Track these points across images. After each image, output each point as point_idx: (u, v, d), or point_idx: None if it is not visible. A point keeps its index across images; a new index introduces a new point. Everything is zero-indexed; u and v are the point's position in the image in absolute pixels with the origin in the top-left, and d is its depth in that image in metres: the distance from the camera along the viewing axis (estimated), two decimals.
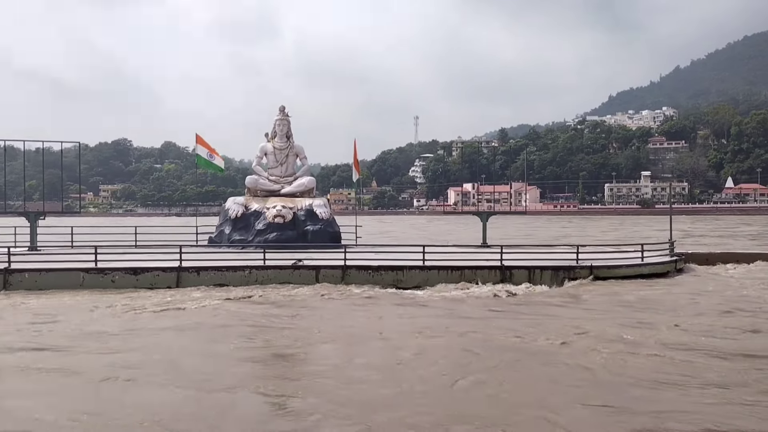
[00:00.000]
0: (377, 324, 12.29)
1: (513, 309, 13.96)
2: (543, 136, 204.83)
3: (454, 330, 11.60)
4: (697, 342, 10.55)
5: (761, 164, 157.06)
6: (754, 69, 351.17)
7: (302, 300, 15.06)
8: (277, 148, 25.87)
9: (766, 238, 44.43)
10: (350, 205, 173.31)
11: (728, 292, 16.29)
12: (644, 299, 15.07)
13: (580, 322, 12.23)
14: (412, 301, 14.95)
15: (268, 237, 22.35)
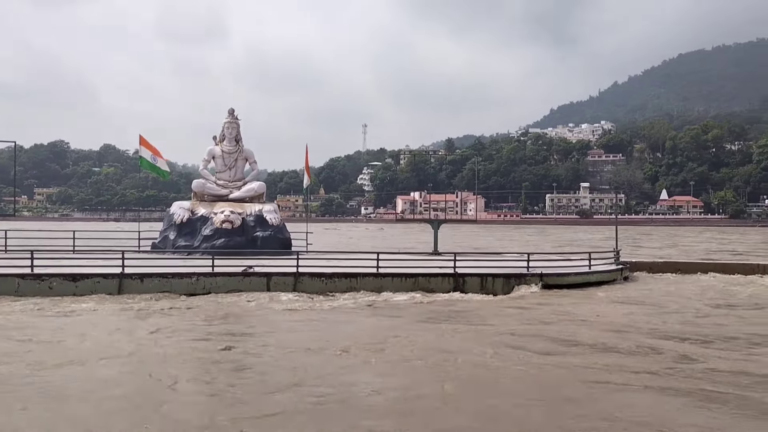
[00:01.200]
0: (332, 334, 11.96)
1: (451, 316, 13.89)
2: (488, 146, 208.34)
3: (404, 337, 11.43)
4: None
5: (694, 177, 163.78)
6: (688, 86, 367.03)
7: (254, 310, 14.62)
8: (226, 151, 25.26)
9: (705, 248, 46.12)
10: (297, 211, 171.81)
11: (666, 301, 16.70)
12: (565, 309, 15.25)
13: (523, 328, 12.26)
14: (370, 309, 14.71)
15: (215, 243, 21.73)
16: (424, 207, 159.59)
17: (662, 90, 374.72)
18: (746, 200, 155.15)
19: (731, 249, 45.85)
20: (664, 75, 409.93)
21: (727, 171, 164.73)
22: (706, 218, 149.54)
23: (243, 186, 24.96)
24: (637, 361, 9.75)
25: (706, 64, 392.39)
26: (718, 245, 51.58)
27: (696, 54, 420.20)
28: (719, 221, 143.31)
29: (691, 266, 23.50)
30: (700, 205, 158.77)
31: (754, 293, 18.09)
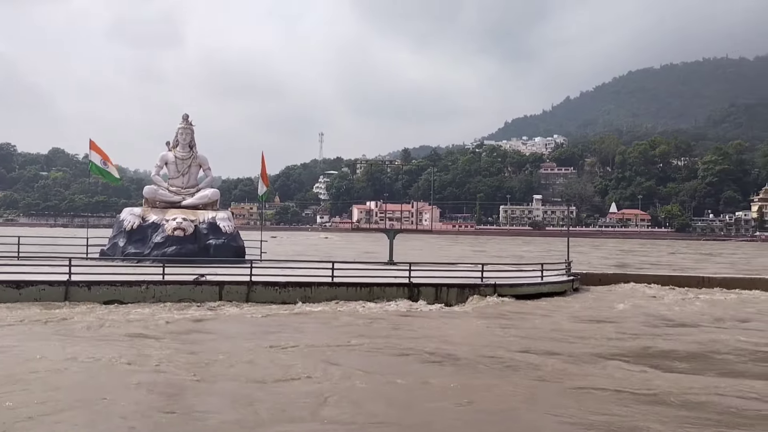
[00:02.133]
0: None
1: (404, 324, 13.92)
2: (444, 157, 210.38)
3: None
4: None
5: (642, 191, 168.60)
6: (637, 102, 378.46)
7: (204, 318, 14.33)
8: (179, 157, 24.79)
9: (652, 261, 47.41)
10: (252, 219, 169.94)
11: (615, 309, 17.09)
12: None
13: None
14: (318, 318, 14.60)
15: (166, 251, 21.24)
16: (379, 216, 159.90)
17: (612, 106, 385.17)
18: (692, 214, 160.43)
19: (677, 261, 47.28)
20: (614, 91, 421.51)
21: (674, 186, 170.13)
22: (653, 231, 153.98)
23: (196, 193, 24.51)
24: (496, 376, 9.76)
25: (654, 82, 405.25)
26: (662, 257, 53.13)
27: (645, 72, 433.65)
28: (666, 234, 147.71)
29: (640, 278, 24.11)
30: (647, 219, 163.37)
31: (695, 308, 18.64)
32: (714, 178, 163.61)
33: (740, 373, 9.93)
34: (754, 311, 17.54)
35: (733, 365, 10.60)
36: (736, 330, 14.29)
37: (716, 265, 43.46)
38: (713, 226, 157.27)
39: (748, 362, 10.85)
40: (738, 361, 10.91)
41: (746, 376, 9.66)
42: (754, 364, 10.73)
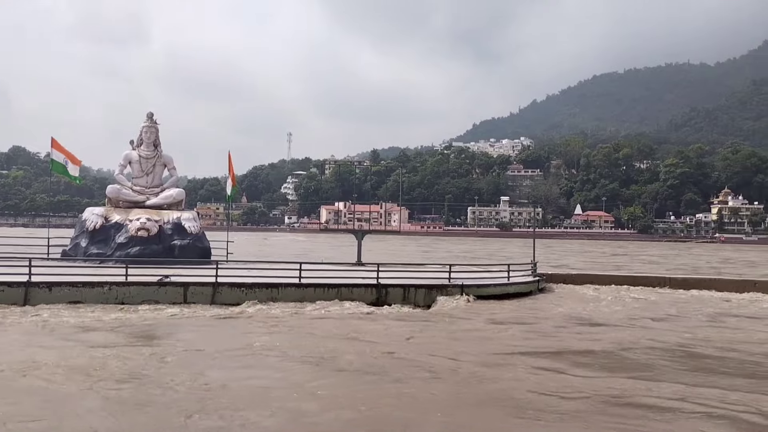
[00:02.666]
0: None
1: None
2: (413, 159, 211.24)
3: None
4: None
5: (606, 193, 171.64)
6: (602, 106, 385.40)
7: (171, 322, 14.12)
8: (144, 156, 24.36)
9: (616, 261, 48.25)
10: (218, 220, 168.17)
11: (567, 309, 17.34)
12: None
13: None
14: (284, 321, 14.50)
15: (130, 251, 20.86)
16: (348, 217, 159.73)
17: (577, 109, 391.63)
18: (653, 216, 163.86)
19: (640, 262, 48.23)
20: (579, 95, 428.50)
21: (637, 188, 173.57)
22: (616, 233, 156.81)
23: (161, 192, 24.10)
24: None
25: (618, 87, 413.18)
26: (627, 258, 54.15)
27: (609, 76, 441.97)
28: (629, 236, 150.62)
29: (604, 278, 24.50)
30: (611, 220, 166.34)
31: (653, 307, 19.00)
32: (675, 180, 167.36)
33: (652, 373, 9.96)
34: (696, 308, 17.95)
35: (647, 365, 10.62)
36: (662, 328, 14.56)
37: (678, 265, 44.44)
38: (674, 228, 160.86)
39: (668, 362, 10.88)
40: (657, 361, 10.90)
41: (659, 377, 9.65)
42: (673, 363, 10.83)
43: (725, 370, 10.23)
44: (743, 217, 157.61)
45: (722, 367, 10.45)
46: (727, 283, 23.34)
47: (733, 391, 8.79)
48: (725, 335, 13.73)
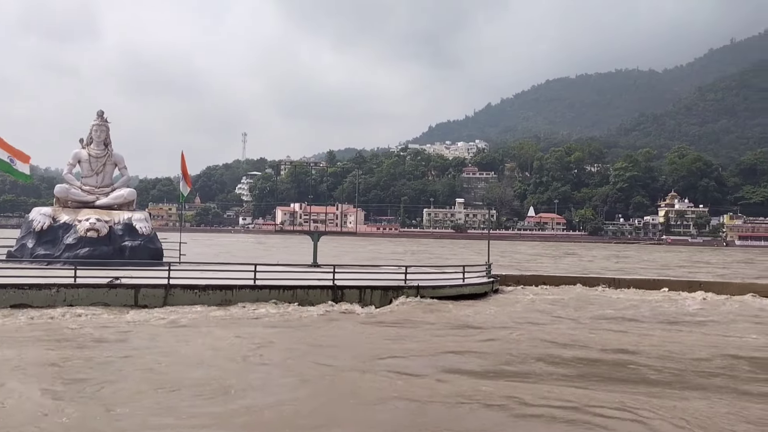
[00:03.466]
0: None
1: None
2: (369, 160, 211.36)
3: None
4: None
5: (558, 196, 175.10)
6: (554, 110, 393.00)
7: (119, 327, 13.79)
8: (93, 155, 23.74)
9: (568, 262, 49.23)
10: (171, 220, 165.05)
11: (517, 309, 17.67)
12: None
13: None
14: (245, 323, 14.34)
15: (78, 252, 20.32)
16: (304, 218, 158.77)
17: (531, 113, 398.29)
18: (604, 218, 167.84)
19: (591, 262, 49.35)
20: (533, 99, 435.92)
21: (587, 191, 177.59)
22: (568, 234, 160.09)
23: (111, 192, 23.54)
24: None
25: (570, 91, 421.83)
26: (578, 259, 55.35)
27: (561, 81, 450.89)
28: (580, 237, 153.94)
29: (556, 279, 25.00)
30: (563, 222, 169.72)
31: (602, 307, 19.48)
32: (624, 184, 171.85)
33: (538, 374, 10.10)
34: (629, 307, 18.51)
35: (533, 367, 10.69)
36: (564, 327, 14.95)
37: (629, 265, 45.64)
38: (623, 230, 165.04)
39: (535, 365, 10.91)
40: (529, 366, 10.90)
41: (546, 379, 9.76)
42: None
43: (608, 374, 10.33)
44: (689, 220, 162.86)
45: (610, 371, 10.52)
46: (674, 283, 24.10)
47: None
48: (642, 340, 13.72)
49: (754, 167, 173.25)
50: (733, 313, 18.18)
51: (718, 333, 14.66)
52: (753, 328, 15.42)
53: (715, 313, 18.29)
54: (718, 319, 16.96)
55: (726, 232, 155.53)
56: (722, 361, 11.29)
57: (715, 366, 10.93)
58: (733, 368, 10.82)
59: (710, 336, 14.20)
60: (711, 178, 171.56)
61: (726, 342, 13.46)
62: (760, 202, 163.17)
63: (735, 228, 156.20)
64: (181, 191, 26.70)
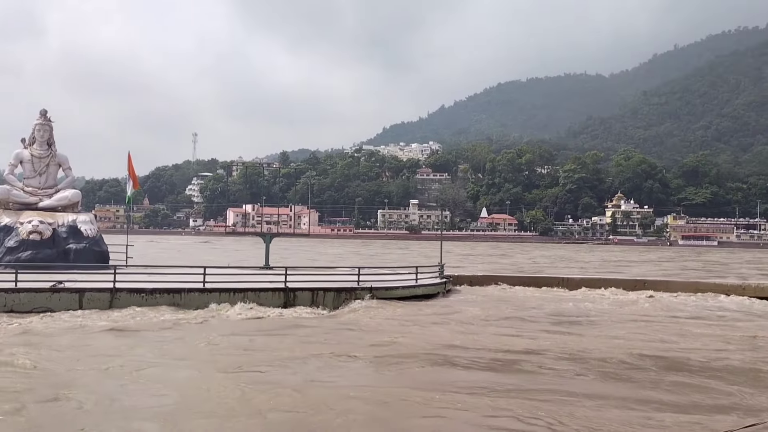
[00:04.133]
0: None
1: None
2: (323, 161, 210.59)
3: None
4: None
5: (510, 197, 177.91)
6: (506, 113, 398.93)
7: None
8: (36, 156, 22.98)
9: (516, 262, 50.04)
10: (118, 222, 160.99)
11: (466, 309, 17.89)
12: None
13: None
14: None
15: (20, 256, 19.67)
16: (256, 220, 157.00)
17: (483, 115, 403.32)
18: (553, 219, 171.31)
19: (541, 262, 50.28)
20: (485, 102, 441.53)
21: (538, 192, 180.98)
22: (519, 235, 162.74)
23: (55, 194, 22.83)
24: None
25: (521, 94, 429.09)
26: (529, 259, 56.33)
27: (513, 84, 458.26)
28: (531, 238, 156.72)
29: (508, 279, 25.37)
30: (514, 223, 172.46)
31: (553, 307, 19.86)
32: (573, 185, 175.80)
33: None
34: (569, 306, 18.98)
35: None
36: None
37: (573, 265, 46.69)
38: (572, 231, 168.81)
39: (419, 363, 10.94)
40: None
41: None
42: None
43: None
44: (634, 220, 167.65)
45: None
46: (619, 281, 24.75)
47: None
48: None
49: (696, 169, 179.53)
50: (680, 311, 18.79)
51: (657, 331, 15.08)
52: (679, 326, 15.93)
53: (663, 310, 18.85)
54: (662, 318, 17.46)
55: (670, 232, 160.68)
56: (629, 361, 11.21)
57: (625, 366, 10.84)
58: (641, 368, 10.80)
59: (641, 335, 14.51)
60: (655, 180, 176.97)
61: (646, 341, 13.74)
62: (701, 203, 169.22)
63: (678, 228, 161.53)
64: (127, 192, 26.08)
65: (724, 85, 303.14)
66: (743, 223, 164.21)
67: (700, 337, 14.16)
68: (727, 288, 23.29)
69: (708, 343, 13.47)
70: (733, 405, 8.53)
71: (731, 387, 9.46)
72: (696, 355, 11.86)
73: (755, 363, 11.33)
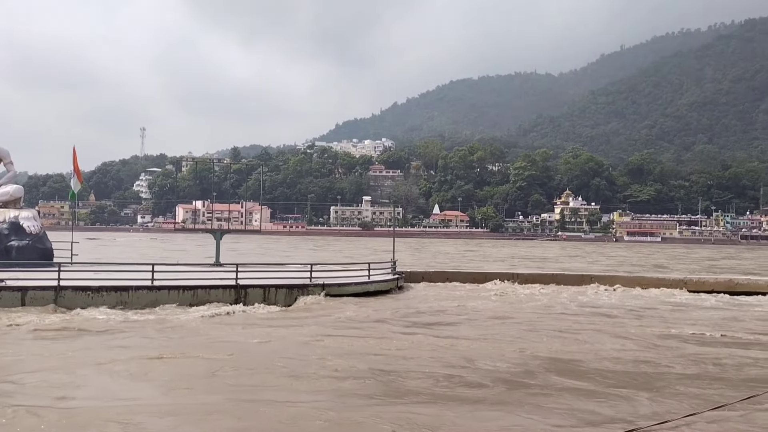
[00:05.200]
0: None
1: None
2: (275, 157, 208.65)
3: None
4: None
5: (462, 194, 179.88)
6: (458, 110, 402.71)
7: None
8: None
9: (470, 257, 50.66)
10: (63, 219, 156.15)
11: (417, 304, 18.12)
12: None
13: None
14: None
15: None
16: (207, 217, 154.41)
17: (436, 113, 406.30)
18: (504, 216, 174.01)
19: (496, 258, 51.06)
20: (437, 99, 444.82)
21: (489, 189, 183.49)
22: (471, 231, 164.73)
23: None
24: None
25: (472, 92, 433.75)
26: (482, 255, 57.15)
27: (464, 82, 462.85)
28: (482, 234, 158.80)
29: (460, 275, 25.68)
30: (466, 220, 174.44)
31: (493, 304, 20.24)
32: (523, 182, 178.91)
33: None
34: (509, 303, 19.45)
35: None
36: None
37: (528, 260, 47.59)
38: (522, 227, 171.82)
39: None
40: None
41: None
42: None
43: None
44: (582, 217, 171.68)
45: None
46: (568, 277, 25.36)
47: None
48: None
49: (641, 167, 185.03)
50: (631, 306, 19.39)
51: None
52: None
53: (605, 305, 19.43)
54: (608, 311, 18.00)
55: (616, 229, 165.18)
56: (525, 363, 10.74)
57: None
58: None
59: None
60: (602, 178, 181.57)
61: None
62: (646, 200, 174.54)
63: (624, 224, 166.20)
64: (72, 188, 25.36)
65: (668, 86, 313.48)
66: (685, 219, 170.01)
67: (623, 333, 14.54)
68: (668, 282, 24.16)
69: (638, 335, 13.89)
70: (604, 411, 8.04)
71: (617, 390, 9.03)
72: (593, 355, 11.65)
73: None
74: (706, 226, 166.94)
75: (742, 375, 10.17)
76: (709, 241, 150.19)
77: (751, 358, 11.42)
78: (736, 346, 12.63)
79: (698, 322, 16.06)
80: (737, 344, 12.93)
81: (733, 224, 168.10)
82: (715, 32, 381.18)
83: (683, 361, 11.01)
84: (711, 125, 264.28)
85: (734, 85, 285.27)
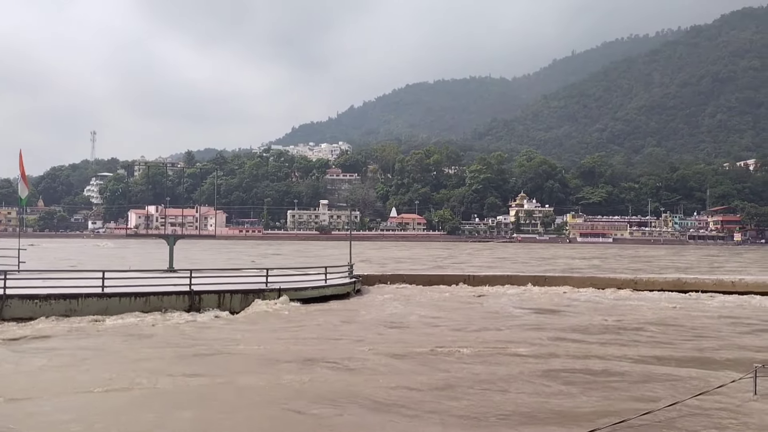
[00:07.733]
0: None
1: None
2: (230, 161, 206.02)
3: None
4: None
5: (418, 197, 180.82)
6: (414, 114, 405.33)
7: None
8: None
9: (430, 261, 50.96)
10: (10, 225, 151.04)
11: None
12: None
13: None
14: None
15: None
16: (160, 222, 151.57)
17: (392, 116, 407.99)
18: (461, 218, 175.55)
19: (453, 261, 51.48)
20: (394, 102, 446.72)
21: (446, 192, 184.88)
22: (428, 234, 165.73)
23: None
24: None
25: (428, 96, 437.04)
26: (439, 258, 57.56)
27: (420, 86, 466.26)
28: (439, 237, 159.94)
29: (417, 278, 25.84)
30: (423, 222, 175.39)
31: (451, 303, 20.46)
32: (479, 185, 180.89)
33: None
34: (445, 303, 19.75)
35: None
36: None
37: (484, 262, 48.15)
38: (479, 229, 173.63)
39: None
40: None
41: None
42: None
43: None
44: (536, 219, 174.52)
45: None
46: (523, 278, 25.79)
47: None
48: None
49: (593, 170, 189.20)
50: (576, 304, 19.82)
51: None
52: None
53: (555, 304, 19.83)
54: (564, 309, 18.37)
55: (569, 230, 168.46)
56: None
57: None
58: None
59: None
60: (556, 180, 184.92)
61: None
62: (598, 202, 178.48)
63: (576, 226, 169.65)
64: (20, 194, 24.56)
65: (618, 90, 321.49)
66: (635, 220, 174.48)
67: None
68: (620, 282, 24.80)
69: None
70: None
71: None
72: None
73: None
74: (655, 227, 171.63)
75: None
76: (658, 241, 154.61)
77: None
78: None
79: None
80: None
81: (681, 225, 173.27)
82: (663, 38, 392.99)
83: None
84: (659, 128, 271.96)
85: (681, 89, 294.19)
